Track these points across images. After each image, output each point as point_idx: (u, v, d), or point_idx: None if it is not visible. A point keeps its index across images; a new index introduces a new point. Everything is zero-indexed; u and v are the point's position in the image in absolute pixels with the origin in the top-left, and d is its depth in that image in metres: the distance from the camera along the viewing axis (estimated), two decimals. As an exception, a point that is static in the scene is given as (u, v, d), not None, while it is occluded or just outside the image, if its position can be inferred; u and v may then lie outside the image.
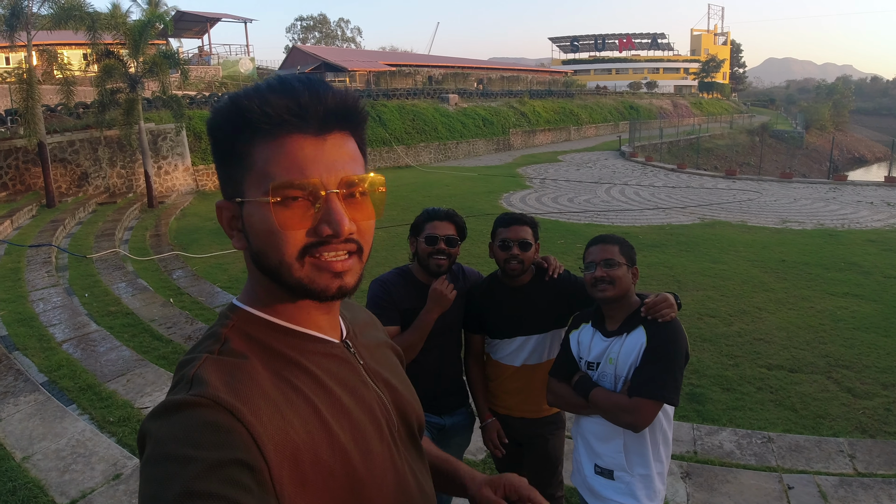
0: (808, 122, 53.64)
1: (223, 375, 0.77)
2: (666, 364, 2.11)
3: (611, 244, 2.28)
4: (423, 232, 2.57)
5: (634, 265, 2.30)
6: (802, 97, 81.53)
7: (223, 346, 0.83)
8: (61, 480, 3.42)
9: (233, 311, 0.90)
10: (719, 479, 3.81)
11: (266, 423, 0.74)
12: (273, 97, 0.80)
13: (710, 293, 8.27)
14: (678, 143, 36.88)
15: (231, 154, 0.83)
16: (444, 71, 48.87)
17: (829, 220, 14.32)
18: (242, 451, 0.70)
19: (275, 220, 0.80)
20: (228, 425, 0.71)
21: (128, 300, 7.71)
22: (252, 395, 0.76)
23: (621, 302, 2.25)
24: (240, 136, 0.82)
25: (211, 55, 40.06)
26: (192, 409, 0.72)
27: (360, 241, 0.85)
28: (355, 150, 0.87)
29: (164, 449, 0.69)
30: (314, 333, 0.90)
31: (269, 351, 0.84)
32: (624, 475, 2.21)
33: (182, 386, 0.77)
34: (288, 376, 0.82)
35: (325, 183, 0.80)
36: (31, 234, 11.35)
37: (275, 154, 0.80)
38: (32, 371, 5.27)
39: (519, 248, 2.56)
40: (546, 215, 14.79)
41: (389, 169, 26.88)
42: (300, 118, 0.80)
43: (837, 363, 5.96)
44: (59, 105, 17.66)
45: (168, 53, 16.90)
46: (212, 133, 0.85)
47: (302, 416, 0.79)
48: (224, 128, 0.83)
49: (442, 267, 2.56)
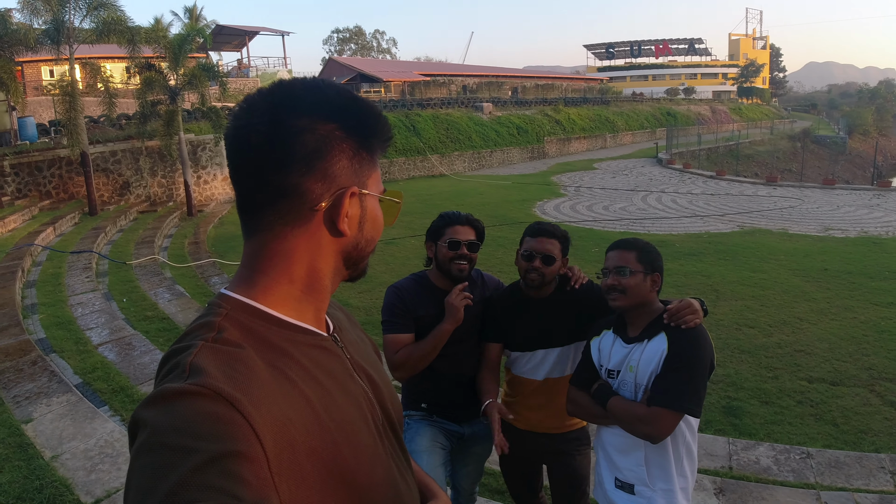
0: (850, 127, 52.26)
1: (221, 365, 0.75)
2: (687, 373, 2.01)
3: (628, 250, 2.19)
4: (444, 237, 2.53)
5: (655, 272, 2.19)
6: (844, 102, 79.28)
7: (218, 334, 0.80)
8: (88, 480, 3.48)
9: (223, 299, 0.88)
10: (754, 496, 3.68)
11: (265, 416, 0.73)
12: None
13: (750, 303, 8.05)
14: (717, 150, 36.23)
15: (366, 152, 0.95)
16: (479, 80, 48.94)
17: (874, 227, 13.87)
18: (242, 443, 0.68)
19: (386, 214, 0.99)
20: (229, 417, 0.69)
21: (164, 305, 7.86)
22: (251, 386, 0.74)
23: (640, 309, 2.17)
24: (373, 143, 0.96)
25: (249, 67, 40.93)
26: (192, 398, 0.70)
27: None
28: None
29: (161, 438, 0.67)
30: (305, 325, 0.90)
31: (264, 341, 0.83)
32: (645, 490, 2.12)
33: (178, 373, 0.74)
34: (282, 367, 0.81)
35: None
36: (73, 240, 11.69)
37: (377, 166, 0.99)
38: (68, 373, 5.40)
39: (542, 262, 2.46)
40: (581, 223, 14.64)
41: (424, 178, 27.02)
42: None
43: (881, 376, 5.73)
44: (102, 116, 18.22)
45: (207, 66, 17.32)
46: (359, 131, 0.95)
47: (297, 408, 0.79)
48: (369, 132, 0.96)
49: (464, 272, 2.52)
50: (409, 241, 12.36)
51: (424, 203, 18.37)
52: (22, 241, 10.72)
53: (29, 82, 25.24)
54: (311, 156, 0.86)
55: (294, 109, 0.86)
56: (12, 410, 4.36)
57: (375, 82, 40.98)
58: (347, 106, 0.91)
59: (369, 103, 0.95)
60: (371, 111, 0.94)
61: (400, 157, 27.09)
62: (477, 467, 2.88)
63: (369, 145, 0.93)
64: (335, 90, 0.91)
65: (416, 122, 28.90)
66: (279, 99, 0.87)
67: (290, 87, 0.89)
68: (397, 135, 27.49)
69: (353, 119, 0.90)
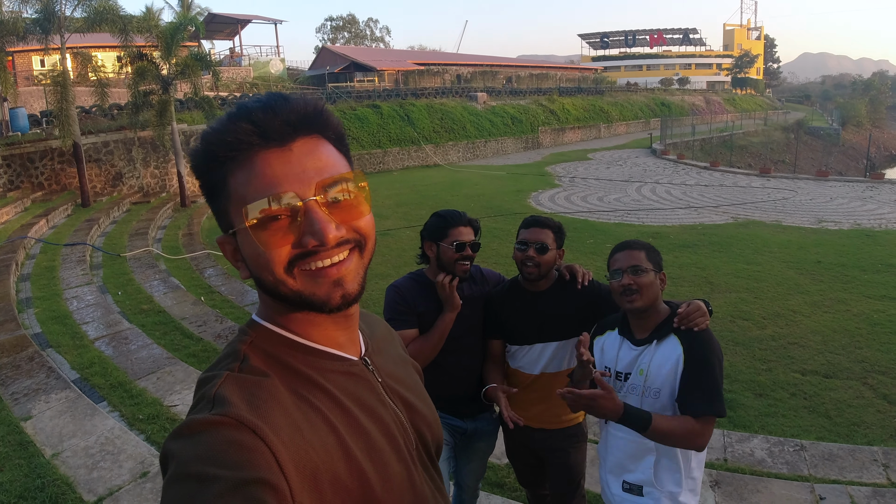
0: (844, 118, 52.33)
1: (244, 394, 0.76)
2: (713, 376, 2.02)
3: (637, 250, 2.19)
4: (448, 238, 2.56)
5: (661, 271, 2.20)
6: (838, 93, 79.33)
7: (243, 363, 0.82)
8: (89, 478, 3.48)
9: (252, 327, 0.89)
10: (749, 488, 3.72)
11: (287, 443, 0.73)
12: (231, 124, 0.80)
13: (744, 295, 8.10)
14: (711, 141, 36.27)
15: (213, 189, 0.84)
16: (473, 69, 48.75)
17: (867, 219, 13.94)
18: (265, 470, 0.69)
19: (259, 243, 0.79)
20: (251, 444, 0.70)
21: (160, 298, 7.85)
22: (274, 414, 0.75)
23: (650, 310, 2.17)
24: (214, 170, 0.82)
25: (242, 56, 40.60)
26: (216, 427, 0.71)
27: (358, 238, 0.84)
28: (331, 152, 0.85)
29: (186, 468, 0.68)
30: (332, 351, 0.89)
31: (288, 369, 0.84)
32: (653, 491, 2.13)
33: (204, 404, 0.76)
34: (307, 395, 0.82)
35: (301, 193, 0.79)
36: (67, 232, 11.63)
37: (246, 176, 0.80)
38: (65, 368, 5.39)
39: (536, 252, 2.51)
40: (575, 214, 14.66)
41: (418, 168, 26.99)
42: (259, 135, 0.79)
43: (874, 369, 5.79)
44: (94, 106, 18.08)
45: (200, 55, 17.17)
46: (195, 174, 0.86)
47: (321, 435, 0.79)
48: (200, 166, 0.84)
49: (467, 272, 2.56)
50: (404, 233, 12.35)
51: (419, 194, 18.36)
52: (15, 233, 10.66)
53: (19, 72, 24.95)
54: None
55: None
56: (11, 408, 4.35)
57: (369, 71, 40.74)
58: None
59: (212, 124, 0.84)
60: (205, 138, 0.83)
61: (394, 147, 27.02)
62: (480, 463, 2.92)
63: (209, 177, 0.84)
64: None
65: (410, 112, 28.81)
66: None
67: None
68: (391, 124, 27.40)
69: (195, 158, 0.85)
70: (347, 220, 0.82)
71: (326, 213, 0.80)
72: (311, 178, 0.80)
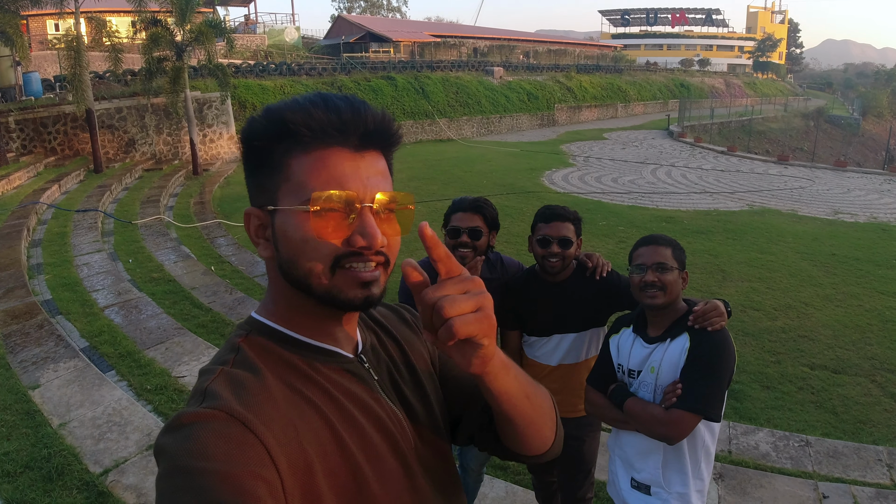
0: (865, 108, 51.39)
1: (236, 387, 0.77)
2: (709, 376, 1.97)
3: (663, 246, 2.13)
4: (448, 224, 2.51)
5: (685, 269, 2.15)
6: (860, 82, 77.66)
7: (237, 356, 0.83)
8: (95, 449, 3.51)
9: (250, 322, 0.91)
10: (753, 483, 3.71)
11: (279, 436, 0.74)
12: (316, 112, 0.82)
13: (756, 285, 8.02)
14: (729, 125, 35.73)
15: (267, 163, 0.85)
16: (490, 43, 48.11)
17: (883, 213, 13.73)
18: (256, 463, 0.70)
19: (312, 229, 0.81)
20: (242, 437, 0.71)
21: (170, 267, 7.87)
22: (264, 407, 0.76)
23: (668, 308, 2.12)
24: (278, 147, 0.83)
25: (257, 24, 40.29)
26: (206, 421, 0.72)
27: (388, 254, 0.86)
28: (386, 169, 0.89)
29: (176, 462, 0.69)
30: (328, 347, 0.89)
31: (283, 363, 0.84)
32: (661, 492, 2.12)
33: (195, 399, 0.77)
34: (301, 389, 0.82)
35: (361, 197, 0.82)
36: (79, 198, 11.67)
37: (314, 166, 0.82)
38: (74, 336, 5.43)
39: (559, 246, 2.46)
40: (589, 195, 14.54)
41: (431, 142, 26.76)
42: (342, 133, 0.82)
43: (883, 366, 5.73)
44: (107, 72, 18.01)
45: (214, 22, 16.97)
46: (247, 141, 0.86)
47: (314, 428, 0.79)
48: (262, 137, 0.84)
49: (466, 259, 2.46)
50: (416, 207, 12.29)
51: (432, 168, 18.23)
52: (27, 198, 10.70)
53: (34, 36, 24.89)
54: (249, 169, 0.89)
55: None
56: (19, 376, 4.38)
57: (384, 42, 40.31)
58: (250, 119, 0.88)
59: (289, 103, 0.85)
60: (281, 114, 0.83)
61: (408, 120, 26.79)
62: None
63: (269, 152, 0.84)
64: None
65: (424, 85, 28.50)
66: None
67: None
68: (405, 96, 27.14)
69: (257, 127, 0.85)
70: (387, 234, 0.85)
71: (377, 222, 0.83)
72: (373, 187, 0.84)
